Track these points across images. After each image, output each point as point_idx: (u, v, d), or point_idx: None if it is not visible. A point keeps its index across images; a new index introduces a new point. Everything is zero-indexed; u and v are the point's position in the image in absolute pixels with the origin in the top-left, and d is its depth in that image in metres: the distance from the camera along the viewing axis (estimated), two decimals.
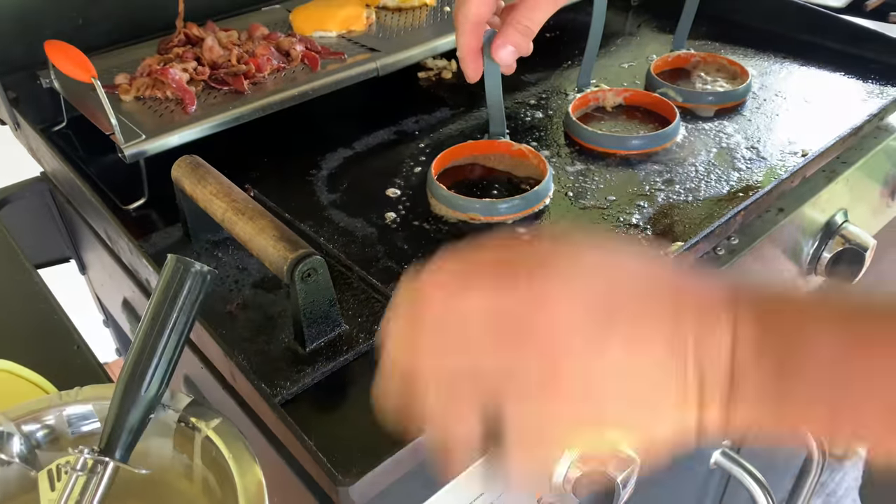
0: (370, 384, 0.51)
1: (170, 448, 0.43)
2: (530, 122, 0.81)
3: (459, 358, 0.32)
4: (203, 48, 0.76)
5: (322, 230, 0.66)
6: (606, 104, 0.83)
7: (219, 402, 0.55)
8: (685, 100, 0.82)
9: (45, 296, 0.65)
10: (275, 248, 0.50)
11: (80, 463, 0.39)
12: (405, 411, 0.34)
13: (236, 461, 0.39)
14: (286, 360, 0.52)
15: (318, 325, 0.52)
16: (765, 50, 0.93)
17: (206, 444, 0.41)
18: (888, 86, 0.83)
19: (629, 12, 1.05)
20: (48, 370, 0.52)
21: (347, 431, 0.48)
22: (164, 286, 0.40)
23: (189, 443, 0.42)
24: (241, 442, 0.41)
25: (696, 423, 0.32)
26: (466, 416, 0.32)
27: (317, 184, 0.72)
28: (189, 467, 0.43)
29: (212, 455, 0.41)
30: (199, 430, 0.41)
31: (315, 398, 0.50)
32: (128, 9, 0.83)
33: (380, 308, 0.56)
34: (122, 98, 0.72)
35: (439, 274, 0.33)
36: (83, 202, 0.69)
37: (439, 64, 0.93)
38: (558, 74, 0.91)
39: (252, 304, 0.58)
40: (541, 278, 0.31)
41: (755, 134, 0.77)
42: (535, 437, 0.32)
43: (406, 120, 0.82)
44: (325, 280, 0.51)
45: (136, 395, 0.39)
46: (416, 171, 0.73)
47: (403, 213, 0.67)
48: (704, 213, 0.66)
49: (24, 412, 0.42)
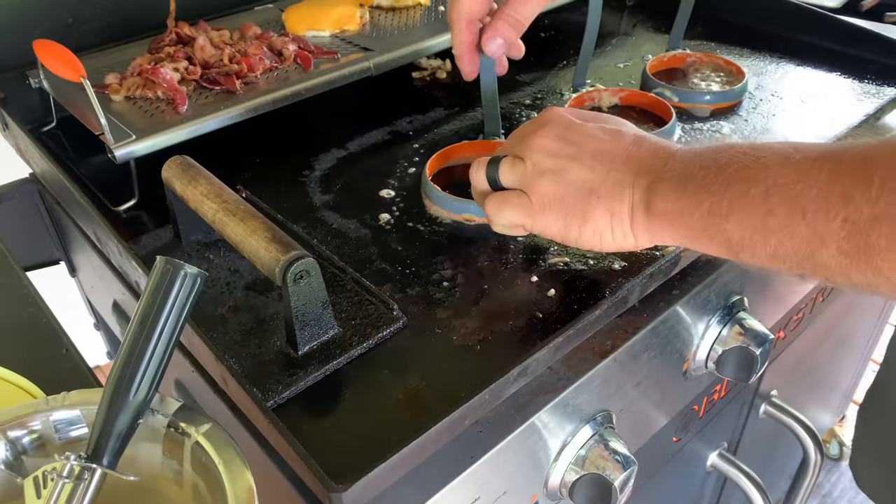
0: (364, 388, 0.50)
1: (159, 454, 0.42)
2: (526, 122, 0.80)
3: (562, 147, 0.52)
4: (195, 48, 0.75)
5: (315, 232, 0.65)
6: (602, 104, 0.82)
7: (210, 406, 0.54)
8: (681, 100, 0.81)
9: (33, 298, 0.64)
10: (267, 250, 0.49)
11: (67, 469, 0.38)
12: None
13: (226, 467, 0.39)
14: (278, 364, 0.51)
15: (310, 327, 0.52)
16: (761, 50, 0.92)
17: (196, 449, 0.40)
18: (884, 86, 0.83)
19: (625, 12, 1.05)
20: (36, 374, 0.51)
21: (340, 436, 0.47)
22: (153, 289, 0.39)
23: (179, 448, 0.41)
24: (232, 447, 0.40)
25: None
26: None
27: (310, 185, 0.71)
28: (179, 473, 0.42)
29: (202, 461, 0.40)
30: (188, 436, 0.41)
31: (308, 402, 0.50)
32: (118, 8, 0.82)
33: (374, 310, 0.55)
34: (112, 98, 0.71)
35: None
36: (72, 203, 0.69)
37: (433, 63, 0.92)
38: (554, 74, 0.90)
39: (244, 307, 0.57)
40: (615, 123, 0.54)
41: (751, 134, 0.76)
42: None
43: (400, 120, 0.81)
44: (317, 282, 0.50)
45: (125, 399, 0.38)
46: (410, 172, 0.72)
47: (397, 215, 0.67)
48: None
49: (10, 417, 0.42)
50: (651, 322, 0.58)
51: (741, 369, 0.65)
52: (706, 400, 0.77)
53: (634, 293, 0.57)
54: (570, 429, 0.56)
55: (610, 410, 0.58)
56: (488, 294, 0.57)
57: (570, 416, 0.55)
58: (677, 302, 0.60)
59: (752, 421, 0.96)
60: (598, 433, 0.56)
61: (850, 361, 1.31)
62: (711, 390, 0.77)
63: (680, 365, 0.66)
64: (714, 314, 0.65)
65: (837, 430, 1.53)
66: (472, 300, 0.57)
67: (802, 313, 0.88)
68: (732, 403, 0.87)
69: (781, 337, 0.87)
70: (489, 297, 0.57)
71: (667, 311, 0.59)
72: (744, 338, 0.65)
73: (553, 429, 0.54)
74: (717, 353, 0.66)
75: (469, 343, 0.53)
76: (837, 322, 1.06)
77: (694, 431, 0.80)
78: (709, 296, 0.64)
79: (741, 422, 0.94)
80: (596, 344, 0.56)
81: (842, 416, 1.55)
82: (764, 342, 0.64)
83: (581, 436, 0.56)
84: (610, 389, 0.58)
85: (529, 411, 0.52)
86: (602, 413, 0.57)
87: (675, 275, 0.61)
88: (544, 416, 0.52)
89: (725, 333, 0.65)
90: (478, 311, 0.56)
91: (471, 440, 0.50)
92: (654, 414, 0.67)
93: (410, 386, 0.50)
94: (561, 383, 0.54)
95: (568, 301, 0.56)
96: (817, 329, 0.98)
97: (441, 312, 0.56)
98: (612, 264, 0.60)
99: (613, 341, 0.57)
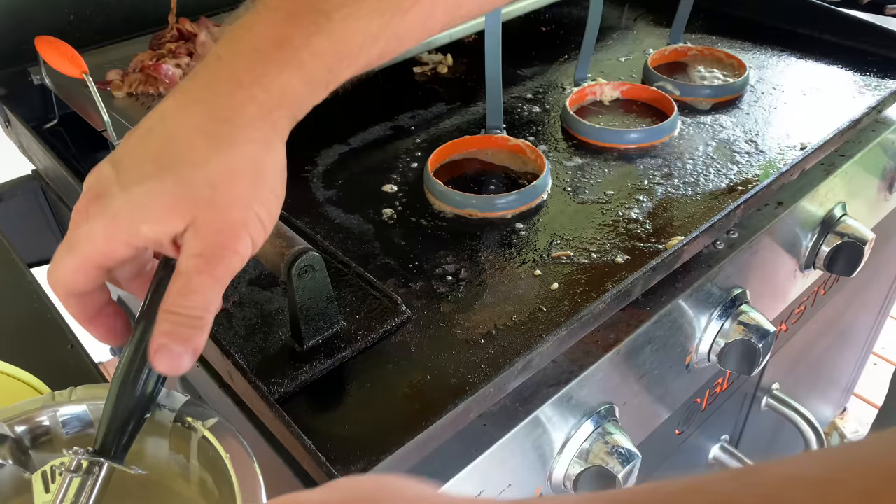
0: (369, 382, 0.50)
1: (166, 448, 0.42)
2: (527, 116, 0.80)
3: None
4: (196, 43, 0.75)
5: (318, 227, 0.65)
6: (604, 98, 0.82)
7: (215, 401, 0.55)
8: (683, 93, 0.81)
9: (38, 294, 0.64)
10: (271, 245, 0.50)
11: (75, 464, 0.38)
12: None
13: (234, 461, 0.39)
14: (283, 358, 0.52)
15: (315, 322, 0.52)
16: (762, 43, 0.92)
17: (203, 443, 0.41)
18: (886, 78, 0.83)
19: (626, 6, 1.04)
20: (41, 370, 0.51)
21: (346, 430, 0.47)
22: (158, 283, 0.39)
23: (185, 443, 0.41)
24: (239, 441, 0.40)
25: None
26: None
27: (312, 180, 0.72)
28: (186, 468, 0.42)
29: (209, 455, 0.40)
30: (195, 430, 0.41)
31: (313, 396, 0.50)
32: (120, 4, 0.82)
33: (378, 305, 0.55)
34: (114, 94, 0.71)
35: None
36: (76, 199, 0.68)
37: (435, 58, 0.92)
38: (555, 68, 0.90)
39: (248, 302, 0.57)
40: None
41: (753, 127, 0.77)
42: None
43: (402, 115, 0.81)
44: (322, 277, 0.50)
45: (132, 394, 0.38)
46: (412, 167, 0.73)
47: (400, 209, 0.67)
48: (703, 207, 0.65)
49: (17, 413, 0.42)
50: (654, 315, 0.58)
51: (743, 362, 0.66)
52: (708, 393, 0.77)
53: (637, 287, 0.57)
54: (573, 422, 0.56)
55: (613, 403, 0.59)
56: (492, 288, 0.58)
57: (574, 410, 0.55)
58: (680, 295, 0.60)
59: (754, 414, 0.96)
60: (601, 426, 0.57)
61: (852, 354, 1.32)
62: (714, 383, 0.77)
63: (683, 358, 0.66)
64: (716, 307, 0.66)
65: (839, 422, 1.54)
66: (475, 294, 0.57)
67: (804, 306, 0.89)
68: (734, 396, 0.87)
69: (783, 330, 0.87)
70: (492, 291, 0.57)
71: (669, 305, 0.60)
72: (746, 331, 0.65)
73: (557, 422, 0.54)
74: (719, 347, 0.66)
75: (473, 337, 0.53)
76: (839, 315, 1.06)
77: (696, 424, 0.80)
78: (711, 289, 0.64)
79: (743, 415, 0.94)
80: (599, 337, 0.56)
81: (843, 408, 1.55)
82: (766, 335, 0.64)
83: (585, 429, 0.56)
84: (613, 383, 0.58)
85: (533, 404, 0.52)
86: (605, 406, 0.58)
87: (677, 268, 0.61)
88: (548, 409, 0.52)
89: (728, 327, 0.66)
90: (481, 305, 0.56)
91: (475, 433, 0.50)
92: (656, 407, 0.68)
93: (415, 379, 0.50)
94: (564, 377, 0.54)
95: (571, 294, 0.56)
96: (819, 322, 0.98)
97: (445, 306, 0.56)
98: (616, 258, 0.60)
99: (617, 335, 0.57)
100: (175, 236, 0.36)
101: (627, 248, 0.61)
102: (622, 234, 0.62)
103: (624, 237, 0.62)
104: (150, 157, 0.36)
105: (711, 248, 0.65)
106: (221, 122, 0.36)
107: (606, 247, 0.61)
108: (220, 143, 0.36)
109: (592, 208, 0.66)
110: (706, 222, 0.60)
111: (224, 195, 0.36)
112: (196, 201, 0.35)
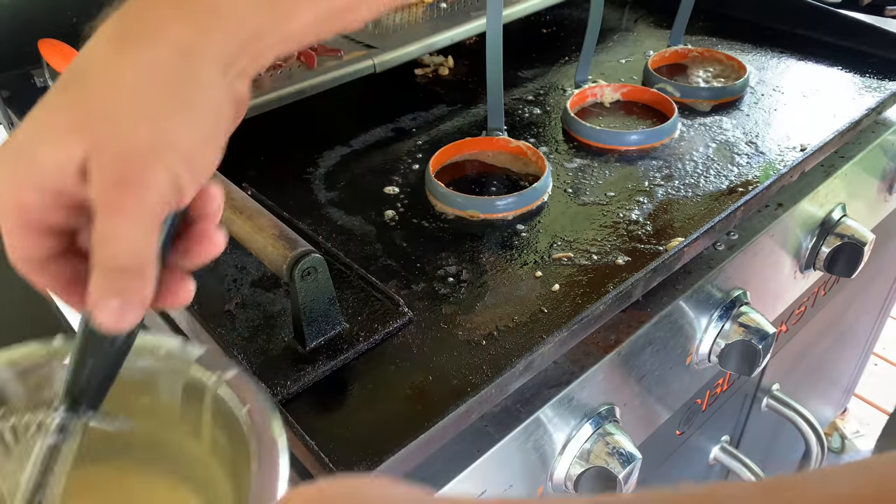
0: (371, 383, 0.51)
1: (178, 403, 0.37)
2: (528, 118, 0.81)
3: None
4: None
5: (320, 228, 0.65)
6: (604, 100, 0.82)
7: None
8: (683, 95, 0.82)
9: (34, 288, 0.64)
10: (274, 247, 0.50)
11: (43, 424, 0.34)
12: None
13: (251, 416, 0.34)
14: (286, 359, 0.52)
15: (317, 323, 0.52)
16: (762, 45, 0.93)
17: (218, 398, 0.36)
18: (885, 80, 0.83)
19: (626, 8, 1.05)
20: None
21: (349, 431, 0.47)
22: None
23: (199, 397, 0.36)
24: (259, 395, 0.35)
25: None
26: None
27: (314, 182, 0.72)
28: (198, 425, 0.38)
29: (223, 410, 0.35)
30: (210, 384, 0.36)
31: (315, 397, 0.50)
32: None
33: (380, 306, 0.55)
34: None
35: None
36: None
37: (436, 60, 0.92)
38: (556, 70, 0.90)
39: (251, 303, 0.57)
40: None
41: (753, 129, 0.77)
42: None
43: (403, 117, 0.82)
44: (324, 278, 0.51)
45: (100, 340, 0.32)
46: (414, 169, 0.73)
47: (402, 211, 0.67)
48: (704, 209, 0.66)
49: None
50: (654, 317, 0.59)
51: (744, 363, 0.66)
52: (709, 394, 0.78)
53: (638, 288, 0.57)
54: (574, 422, 0.56)
55: (614, 404, 0.59)
56: (493, 289, 0.58)
57: (575, 410, 0.55)
58: (680, 296, 0.61)
59: (755, 415, 0.96)
60: (602, 427, 0.57)
61: (852, 355, 1.32)
62: (714, 384, 0.77)
63: (683, 359, 0.66)
64: (717, 308, 0.66)
65: (839, 423, 1.54)
66: (476, 296, 0.57)
67: (804, 307, 0.89)
68: (735, 397, 0.87)
69: (783, 331, 0.87)
70: (494, 292, 0.58)
71: (670, 306, 0.60)
72: (746, 332, 0.65)
73: (558, 423, 0.54)
74: (719, 347, 0.66)
75: (474, 338, 0.53)
76: (839, 316, 1.07)
77: (697, 425, 0.80)
78: (711, 290, 0.64)
79: (743, 415, 0.94)
80: (600, 338, 0.57)
81: (843, 409, 1.55)
82: (766, 336, 0.65)
83: (585, 429, 0.56)
84: (614, 383, 0.58)
85: (535, 405, 0.52)
86: (606, 407, 0.58)
87: (678, 270, 0.61)
88: (549, 410, 0.53)
89: (728, 327, 0.66)
90: (482, 307, 0.56)
91: (477, 434, 0.50)
92: (657, 408, 0.68)
93: (417, 380, 0.50)
94: (565, 377, 0.54)
95: (572, 296, 0.57)
96: (819, 323, 0.99)
97: (446, 308, 0.56)
98: (616, 259, 0.60)
99: (617, 336, 0.57)
100: (80, 166, 0.29)
101: (628, 249, 0.61)
102: (623, 236, 0.63)
103: (624, 239, 0.62)
104: (60, 81, 0.31)
105: (712, 250, 0.65)
106: (131, 25, 0.31)
107: (607, 248, 0.61)
108: (125, 45, 0.30)
109: (593, 210, 0.66)
110: (706, 224, 0.61)
111: (125, 109, 0.29)
112: (90, 114, 0.29)
